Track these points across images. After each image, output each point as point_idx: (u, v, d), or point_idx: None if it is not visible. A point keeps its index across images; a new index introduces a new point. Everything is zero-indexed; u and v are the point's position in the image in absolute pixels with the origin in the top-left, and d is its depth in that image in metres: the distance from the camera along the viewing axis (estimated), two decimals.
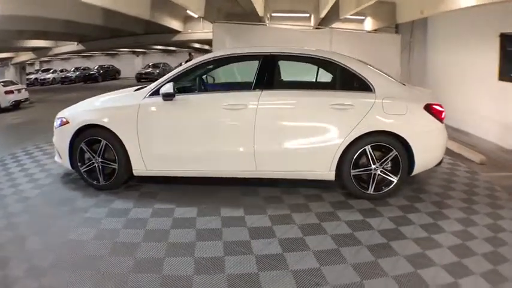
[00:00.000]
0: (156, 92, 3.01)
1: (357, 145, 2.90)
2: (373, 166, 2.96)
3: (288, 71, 3.31)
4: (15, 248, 2.26)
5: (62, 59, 28.36)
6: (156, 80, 3.17)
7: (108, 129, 3.04)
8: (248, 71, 3.87)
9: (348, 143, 2.89)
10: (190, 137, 3.03)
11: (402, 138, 2.88)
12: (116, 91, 3.78)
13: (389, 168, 2.98)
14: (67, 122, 3.23)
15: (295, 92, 3.07)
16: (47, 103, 12.21)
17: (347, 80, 3.07)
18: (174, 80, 3.01)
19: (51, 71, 24.48)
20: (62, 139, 3.28)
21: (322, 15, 8.23)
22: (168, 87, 2.86)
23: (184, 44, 21.31)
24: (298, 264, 2.05)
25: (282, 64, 3.21)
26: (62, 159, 3.33)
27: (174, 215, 2.70)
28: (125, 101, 3.14)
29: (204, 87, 3.44)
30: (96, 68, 24.74)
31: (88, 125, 3.12)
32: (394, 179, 2.97)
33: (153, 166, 3.10)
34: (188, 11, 10.03)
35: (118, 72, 26.50)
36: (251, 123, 2.90)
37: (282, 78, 3.26)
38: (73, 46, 17.12)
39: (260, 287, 1.85)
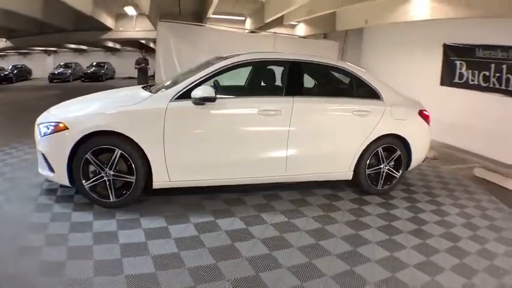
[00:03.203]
0: (183, 95, 2.98)
1: (372, 147, 3.57)
2: (382, 165, 3.71)
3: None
4: None
5: None
6: (69, 81, 3.12)
7: (124, 136, 2.83)
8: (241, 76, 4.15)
9: (366, 145, 3.52)
10: (224, 144, 3.10)
11: (404, 139, 3.71)
12: (112, 90, 3.51)
13: (392, 166, 3.78)
14: (65, 128, 2.84)
15: (322, 99, 3.49)
16: None
17: (360, 89, 3.66)
18: (201, 83, 3.03)
19: None
20: (57, 148, 2.88)
21: (268, 20, 9.02)
22: (208, 91, 2.88)
23: (98, 43, 21.17)
24: (374, 255, 2.50)
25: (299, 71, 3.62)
26: (56, 173, 2.91)
27: (224, 228, 2.76)
28: (145, 104, 2.94)
29: (229, 91, 3.53)
30: (10, 68, 22.08)
31: (94, 132, 2.82)
32: (397, 175, 3.77)
33: (178, 177, 3.04)
34: (127, 9, 9.67)
35: (30, 72, 24.27)
36: (285, 129, 3.20)
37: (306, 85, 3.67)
38: (1, 43, 16.07)
39: (361, 277, 2.21)
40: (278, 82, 3.56)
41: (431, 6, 5.60)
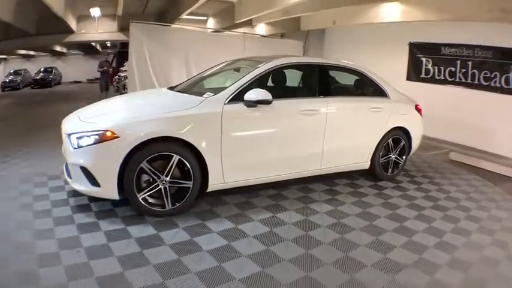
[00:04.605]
0: (235, 98, 3.24)
1: (384, 139, 4.26)
2: (391, 154, 4.45)
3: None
4: None
5: None
6: (19, 88, 3.27)
7: (180, 141, 2.98)
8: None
9: (380, 137, 4.21)
10: (274, 143, 3.44)
11: (407, 130, 4.50)
12: (136, 93, 3.53)
13: (397, 154, 4.56)
14: (114, 136, 2.84)
15: (347, 98, 4.06)
16: None
17: (372, 88, 4.32)
18: (249, 85, 3.33)
19: None
20: (105, 160, 2.85)
21: (240, 21, 9.48)
22: (264, 94, 3.17)
23: (47, 47, 21.61)
24: (419, 227, 3.13)
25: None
26: (102, 188, 2.87)
27: (287, 221, 3.12)
28: (202, 108, 3.11)
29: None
30: None
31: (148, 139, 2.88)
32: (401, 162, 4.57)
33: (231, 178, 3.30)
34: (93, 10, 9.29)
35: None
36: (323, 126, 3.69)
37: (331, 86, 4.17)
38: None
39: (421, 244, 2.79)
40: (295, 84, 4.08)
41: (402, 10, 6.59)
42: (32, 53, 25.89)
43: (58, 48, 22.84)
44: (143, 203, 3.01)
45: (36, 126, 7.62)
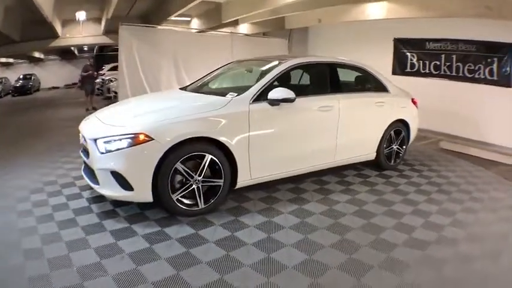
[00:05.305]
0: (258, 97, 3.44)
1: (388, 131, 4.64)
2: (393, 145, 4.82)
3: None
4: None
5: None
6: (1, 97, 3.38)
7: (213, 140, 3.14)
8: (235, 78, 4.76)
9: (384, 130, 4.56)
10: (295, 139, 3.68)
11: (406, 122, 4.90)
12: (154, 95, 3.62)
13: (399, 145, 4.95)
14: (148, 139, 2.92)
15: (356, 94, 4.37)
16: None
17: (375, 84, 4.67)
18: (271, 85, 3.56)
19: None
20: (140, 163, 2.93)
21: (227, 21, 9.71)
22: (288, 93, 3.39)
23: (26, 54, 21.63)
24: (432, 209, 3.48)
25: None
26: (136, 191, 2.95)
27: (315, 211, 3.36)
28: (230, 107, 3.27)
29: None
30: None
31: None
32: (402, 151, 4.97)
33: (257, 174, 3.50)
34: (79, 14, 9.70)
35: None
36: (336, 121, 3.98)
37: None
38: None
39: (436, 224, 3.15)
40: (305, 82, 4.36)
41: (387, 7, 7.02)
42: (11, 60, 25.88)
43: (36, 54, 22.75)
44: (177, 203, 3.12)
45: (28, 135, 7.41)
